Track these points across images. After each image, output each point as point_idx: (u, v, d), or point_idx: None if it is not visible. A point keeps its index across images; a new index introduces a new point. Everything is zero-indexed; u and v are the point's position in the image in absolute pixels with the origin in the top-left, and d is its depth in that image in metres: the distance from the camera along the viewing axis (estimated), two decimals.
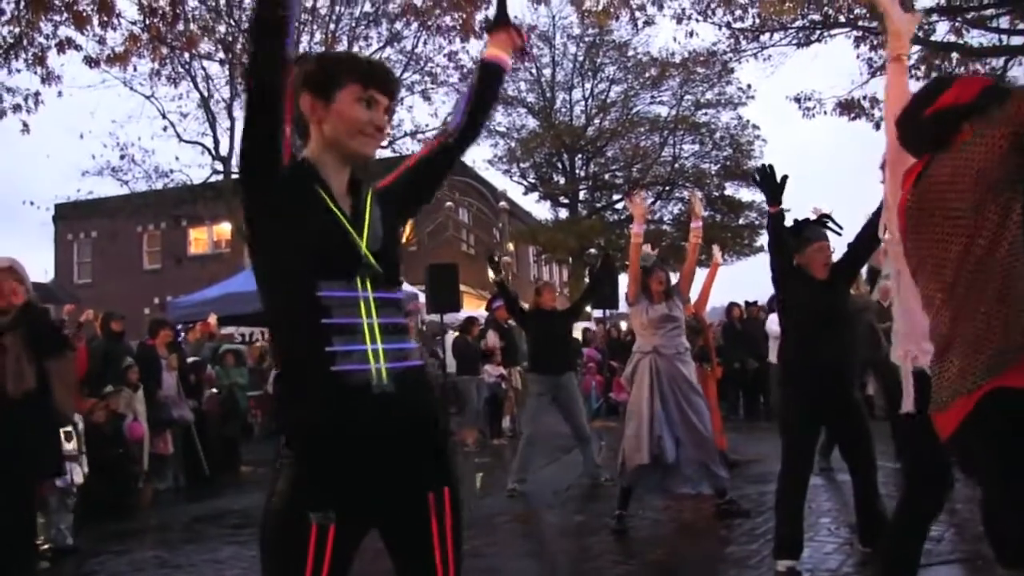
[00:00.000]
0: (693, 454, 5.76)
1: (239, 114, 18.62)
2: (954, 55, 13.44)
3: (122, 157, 19.72)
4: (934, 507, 3.45)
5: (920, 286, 2.44)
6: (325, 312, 1.81)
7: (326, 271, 1.83)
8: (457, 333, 12.65)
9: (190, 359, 9.80)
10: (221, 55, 17.86)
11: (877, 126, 14.16)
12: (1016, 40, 12.80)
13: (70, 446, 6.38)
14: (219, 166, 19.52)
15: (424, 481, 1.91)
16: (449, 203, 22.66)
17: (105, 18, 12.44)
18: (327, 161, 1.94)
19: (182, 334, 11.21)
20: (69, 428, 6.44)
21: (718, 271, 6.55)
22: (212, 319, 11.14)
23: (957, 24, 13.24)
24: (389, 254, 1.95)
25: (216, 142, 19.65)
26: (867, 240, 4.44)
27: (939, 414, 2.33)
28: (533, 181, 27.48)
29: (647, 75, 25.64)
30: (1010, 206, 2.13)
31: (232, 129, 19.13)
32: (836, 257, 4.62)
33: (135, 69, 16.80)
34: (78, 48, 13.51)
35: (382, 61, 2.23)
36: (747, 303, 13.40)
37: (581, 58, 26.32)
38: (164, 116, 19.55)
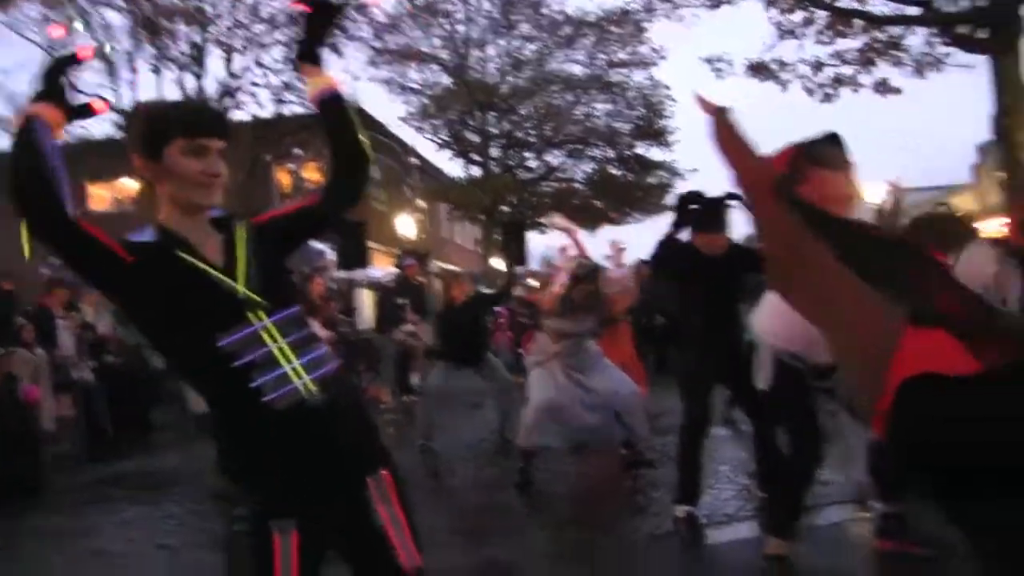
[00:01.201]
0: (632, 420, 5.84)
1: (141, 65, 17.85)
2: (857, 21, 13.80)
3: (12, 110, 18.72)
4: (815, 456, 3.79)
5: None
6: (232, 357, 1.84)
7: (214, 324, 1.84)
8: (373, 291, 12.51)
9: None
10: (121, 2, 17.04)
11: (784, 88, 14.54)
12: (912, 10, 13.20)
13: None
14: (120, 120, 18.71)
15: (362, 469, 2.00)
16: None
17: None
18: (176, 217, 1.91)
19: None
20: None
21: (579, 236, 6.48)
22: None
23: None
24: (274, 281, 1.96)
25: (116, 95, 18.83)
26: None
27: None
28: (446, 138, 27.21)
29: (561, 33, 25.57)
30: None
31: (134, 82, 18.35)
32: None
33: (23, 13, 15.93)
34: None
35: (207, 105, 2.17)
36: None
37: (496, 15, 26.04)
38: None
